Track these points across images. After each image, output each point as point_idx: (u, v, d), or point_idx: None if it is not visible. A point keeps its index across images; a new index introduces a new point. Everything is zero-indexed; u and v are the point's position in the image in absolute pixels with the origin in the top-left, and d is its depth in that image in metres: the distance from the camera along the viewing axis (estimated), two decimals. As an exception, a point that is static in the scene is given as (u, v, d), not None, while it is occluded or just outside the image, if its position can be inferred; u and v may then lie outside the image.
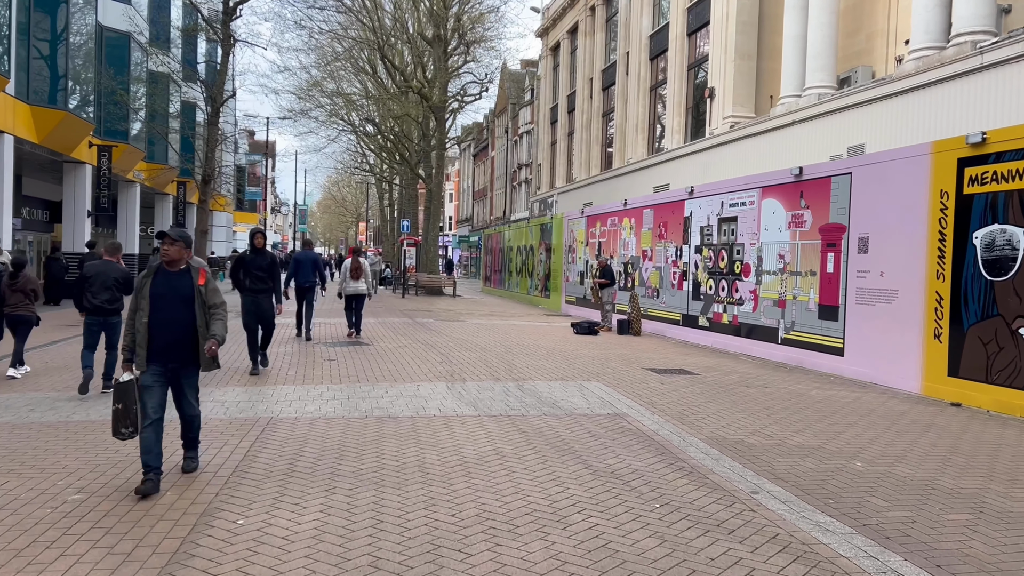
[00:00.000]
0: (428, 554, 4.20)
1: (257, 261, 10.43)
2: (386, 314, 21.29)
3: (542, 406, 8.41)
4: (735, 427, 7.57)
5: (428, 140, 34.28)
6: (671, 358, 13.26)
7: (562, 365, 11.80)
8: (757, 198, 14.12)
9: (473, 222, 69.15)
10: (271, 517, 4.75)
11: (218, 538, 4.40)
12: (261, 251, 10.59)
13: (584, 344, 15.08)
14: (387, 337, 15.26)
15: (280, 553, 4.19)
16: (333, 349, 13.12)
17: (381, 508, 4.95)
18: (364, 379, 10.03)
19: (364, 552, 4.22)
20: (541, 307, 27.05)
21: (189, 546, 4.27)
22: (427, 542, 4.37)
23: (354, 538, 4.43)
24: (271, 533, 4.48)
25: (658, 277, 18.14)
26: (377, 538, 4.43)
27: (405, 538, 4.43)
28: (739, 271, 14.64)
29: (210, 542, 4.33)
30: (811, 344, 12.47)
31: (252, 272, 10.33)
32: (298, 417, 7.63)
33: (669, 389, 9.82)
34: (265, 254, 10.56)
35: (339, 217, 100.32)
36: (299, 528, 4.57)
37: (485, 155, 65.24)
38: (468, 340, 15.03)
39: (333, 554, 4.18)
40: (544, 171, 43.93)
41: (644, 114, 30.19)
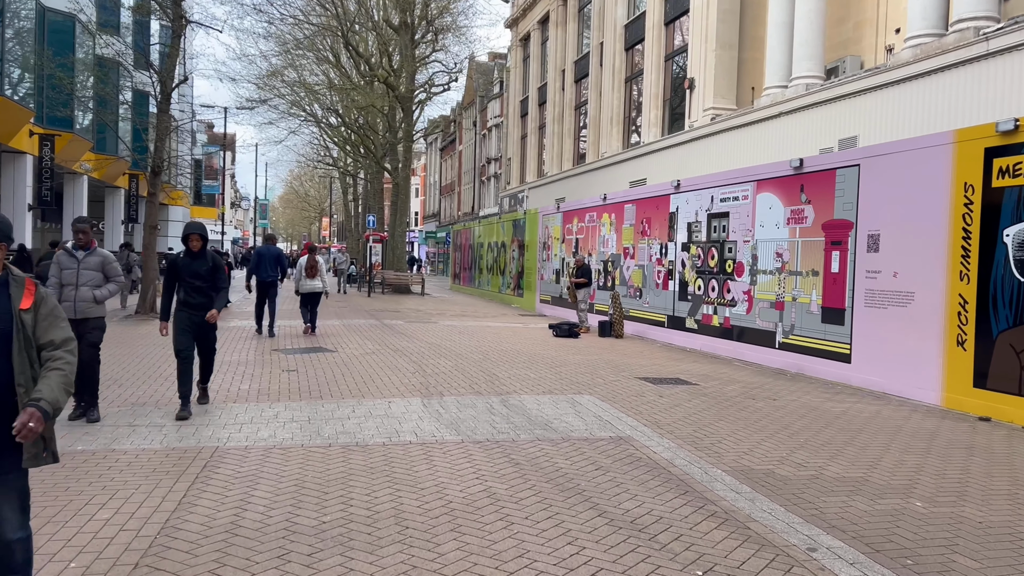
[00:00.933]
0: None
1: (194, 267, 7.68)
2: (351, 315, 20.05)
3: (533, 428, 7.34)
4: (758, 453, 6.57)
5: (394, 132, 32.98)
6: (662, 364, 12.27)
7: (547, 374, 10.74)
8: (751, 192, 13.20)
9: (440, 218, 67.83)
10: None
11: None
12: (200, 254, 7.73)
13: (566, 348, 14.04)
14: (353, 342, 14.07)
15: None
16: (293, 357, 11.91)
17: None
18: (328, 394, 8.87)
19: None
20: (514, 306, 25.99)
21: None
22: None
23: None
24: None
25: (641, 276, 17.17)
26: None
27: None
28: (731, 270, 13.71)
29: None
30: (813, 349, 11.57)
31: (187, 281, 7.67)
32: (249, 447, 6.46)
33: (670, 404, 8.81)
34: (205, 258, 7.73)
35: (302, 212, 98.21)
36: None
37: (452, 149, 63.94)
38: (441, 345, 13.90)
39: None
40: (514, 165, 42.86)
41: (619, 106, 29.25)
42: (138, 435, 6.75)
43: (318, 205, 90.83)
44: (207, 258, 7.74)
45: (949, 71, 13.70)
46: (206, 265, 7.71)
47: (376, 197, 39.59)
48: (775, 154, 18.04)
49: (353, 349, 12.97)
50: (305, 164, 69.49)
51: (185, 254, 7.73)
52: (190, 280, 7.66)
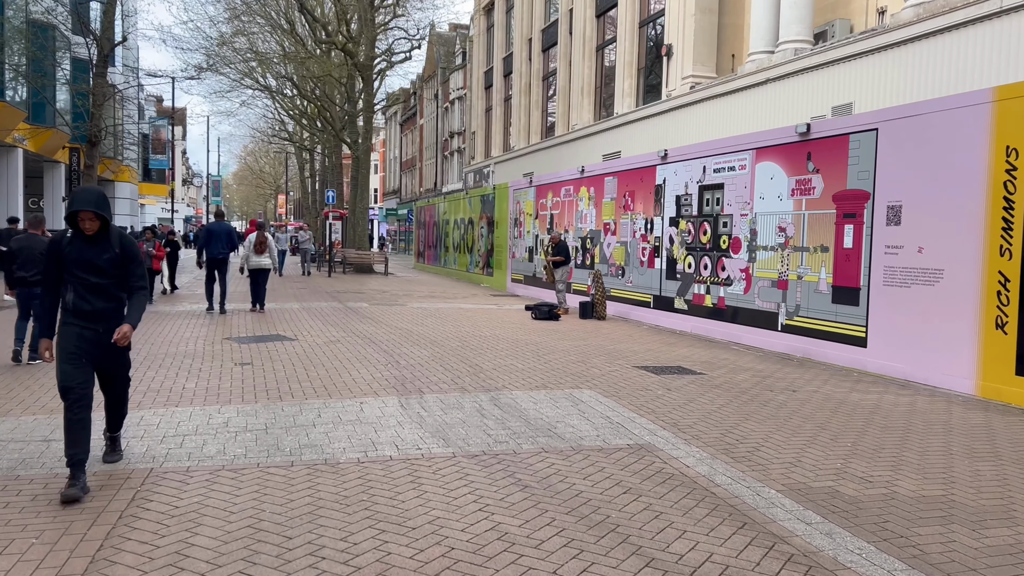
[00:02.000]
0: None
1: (88, 256, 4.85)
2: (311, 297, 18.68)
3: (535, 434, 6.20)
4: (807, 464, 5.53)
5: (353, 103, 31.36)
6: (656, 350, 11.23)
7: (536, 364, 9.61)
8: (750, 161, 12.15)
9: (401, 194, 66.10)
10: None
11: None
12: (100, 239, 4.89)
13: (549, 333, 12.92)
14: (314, 328, 12.77)
15: None
16: (247, 347, 10.60)
17: None
18: (288, 393, 7.62)
19: None
20: (484, 286, 24.80)
21: None
22: None
23: None
24: None
25: (623, 253, 16.10)
26: None
27: None
28: (726, 246, 12.69)
29: None
30: (822, 332, 10.61)
31: (78, 277, 4.85)
32: (191, 468, 5.21)
33: (682, 398, 7.75)
34: (107, 243, 4.90)
35: (257, 189, 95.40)
36: None
37: (413, 123, 62.13)
38: (414, 331, 12.68)
39: None
40: (479, 139, 41.45)
41: (590, 76, 28.04)
42: (52, 453, 5.46)
43: (274, 182, 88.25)
44: (111, 243, 4.89)
45: (960, 30, 12.75)
46: (108, 253, 4.86)
47: (335, 173, 37.92)
48: (762, 123, 17.04)
49: (315, 337, 11.69)
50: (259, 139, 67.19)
51: (74, 237, 4.87)
52: (81, 276, 4.82)
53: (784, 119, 16.61)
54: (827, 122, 10.92)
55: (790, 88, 16.88)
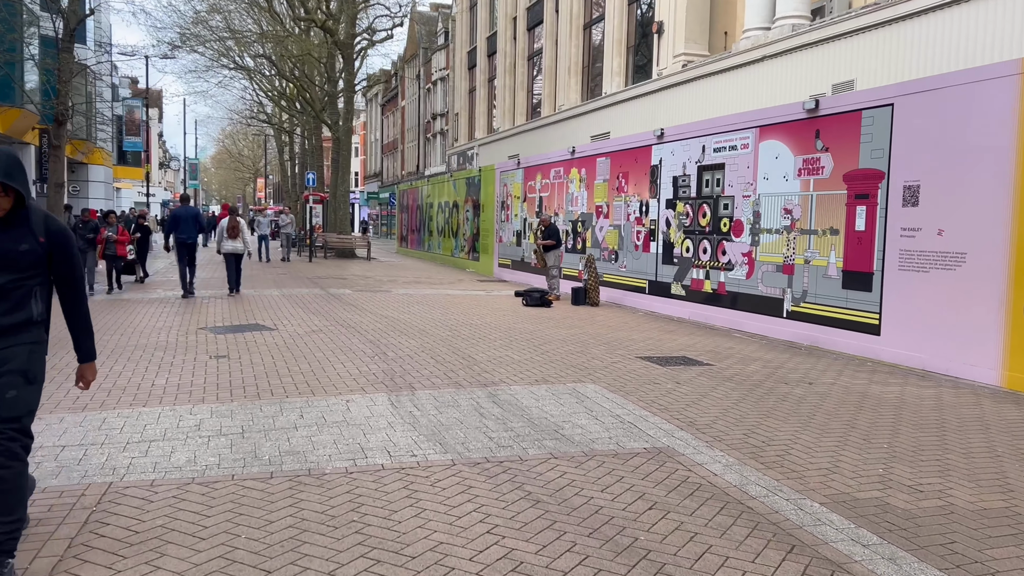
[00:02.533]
0: None
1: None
2: (291, 283, 17.97)
3: (541, 437, 5.62)
4: (846, 470, 4.99)
5: (334, 83, 30.48)
6: (656, 338, 10.68)
7: (532, 355, 9.03)
8: (753, 140, 11.59)
9: (383, 178, 65.11)
10: None
11: None
12: (14, 222, 3.39)
13: (542, 321, 12.35)
14: (295, 317, 12.11)
15: None
16: (223, 337, 9.93)
17: None
18: (267, 390, 6.99)
19: None
20: (469, 271, 24.17)
21: None
22: None
23: None
24: None
25: (616, 237, 15.53)
26: None
27: None
28: (727, 229, 12.14)
29: None
30: (831, 319, 10.11)
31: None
32: (157, 481, 4.59)
33: (694, 393, 7.20)
34: (24, 228, 3.40)
35: (235, 173, 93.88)
36: None
37: (394, 105, 61.07)
38: (400, 319, 12.06)
39: None
40: (462, 121, 40.66)
41: (578, 55, 27.36)
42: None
43: (252, 165, 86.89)
44: (32, 228, 3.44)
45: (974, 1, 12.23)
46: (27, 242, 3.41)
47: (315, 155, 36.99)
48: (758, 101, 16.48)
49: (296, 326, 11.04)
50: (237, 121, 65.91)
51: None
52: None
53: (781, 97, 16.07)
54: (838, 98, 10.36)
55: (788, 65, 16.32)
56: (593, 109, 25.28)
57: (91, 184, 39.86)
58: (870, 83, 13.86)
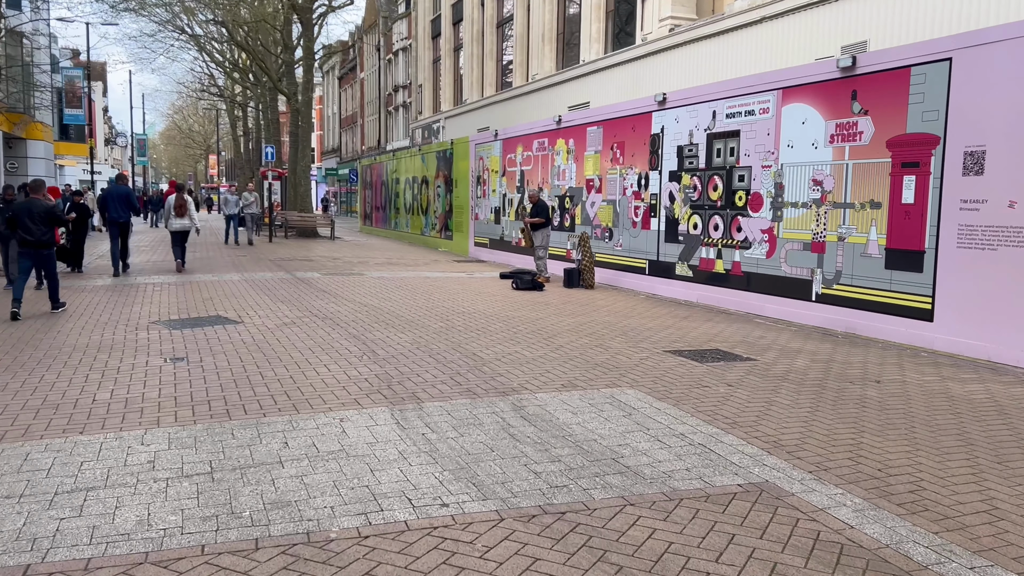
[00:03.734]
0: None
1: None
2: (253, 266, 16.43)
3: (601, 469, 4.40)
4: (1016, 516, 3.86)
5: (291, 51, 28.61)
6: (673, 326, 9.52)
7: (546, 351, 7.79)
8: (774, 103, 10.42)
9: (341, 153, 62.95)
10: None
11: None
12: None
13: (540, 307, 11.11)
14: (261, 306, 10.68)
15: None
16: (180, 334, 8.50)
17: None
18: (238, 404, 5.64)
19: None
20: (442, 250, 22.81)
21: None
22: None
23: None
24: None
25: (611, 213, 14.31)
26: None
27: None
28: (743, 203, 11.00)
29: None
30: (871, 303, 9.04)
31: None
32: (93, 560, 3.26)
33: (755, 399, 6.04)
34: None
35: (186, 149, 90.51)
36: None
37: (353, 77, 58.86)
38: (382, 307, 10.71)
39: None
40: (426, 93, 38.98)
41: (552, 21, 25.95)
42: None
43: (204, 141, 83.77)
44: None
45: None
46: None
47: (271, 129, 35.06)
48: (755, 66, 15.35)
49: (264, 318, 9.63)
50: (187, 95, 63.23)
51: None
52: None
53: (783, 60, 14.96)
54: (880, 53, 9.21)
55: (791, 26, 15.19)
56: (571, 78, 23.96)
57: (31, 161, 37.30)
58: (884, 44, 12.79)
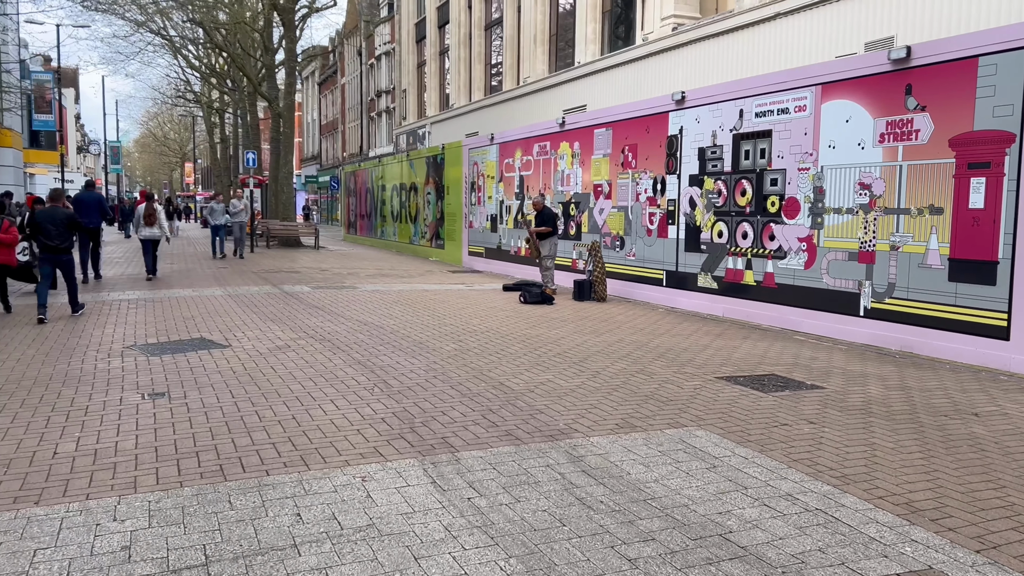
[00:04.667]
0: None
1: None
2: (237, 280, 15.32)
3: (710, 551, 3.43)
4: None
5: (272, 54, 27.50)
6: (713, 346, 8.59)
7: (582, 379, 6.82)
8: (812, 100, 9.55)
9: (321, 160, 61.68)
10: None
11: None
12: None
13: (556, 323, 10.14)
14: (250, 326, 9.62)
15: None
16: (159, 361, 7.43)
17: None
18: (232, 457, 4.62)
19: None
20: (434, 260, 21.78)
21: None
22: None
23: None
24: None
25: (622, 221, 13.39)
26: None
27: None
28: (776, 209, 10.12)
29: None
30: (932, 318, 8.17)
31: None
32: None
33: (847, 440, 5.10)
34: None
35: (161, 157, 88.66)
36: None
37: (333, 83, 57.66)
38: (384, 326, 9.68)
39: None
40: (411, 98, 37.97)
41: (544, 22, 25.06)
42: None
43: (179, 149, 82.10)
44: None
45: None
46: None
47: (250, 135, 33.85)
48: (768, 65, 14.56)
49: (254, 340, 8.57)
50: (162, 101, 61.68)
51: None
52: None
53: (797, 59, 14.16)
54: (941, 43, 8.36)
55: (808, 23, 14.38)
56: (565, 80, 23.07)
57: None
58: (916, 37, 12.01)
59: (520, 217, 16.82)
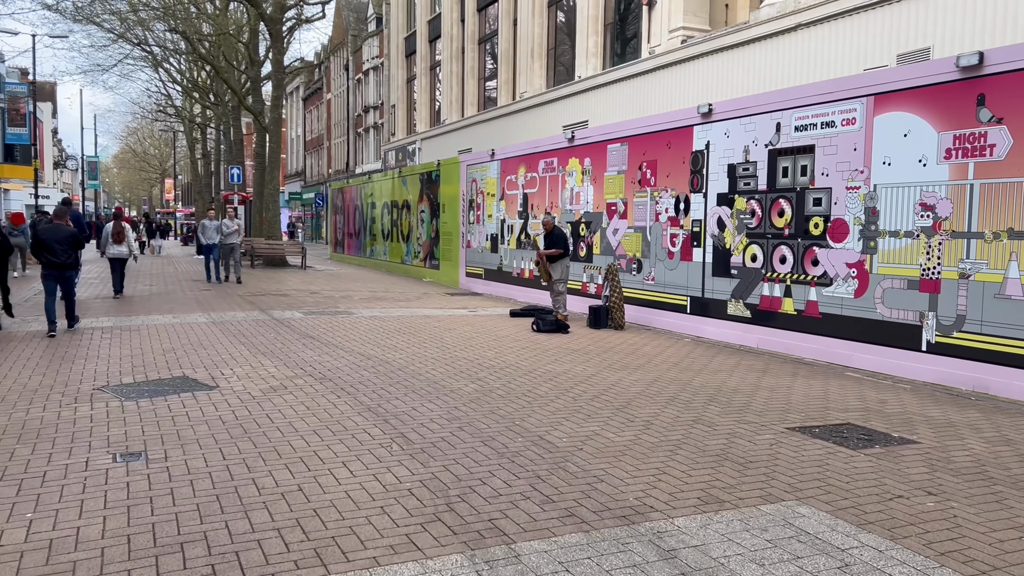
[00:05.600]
0: None
1: None
2: (221, 304, 14.23)
3: None
4: None
5: (258, 66, 26.50)
6: (759, 384, 7.65)
7: (633, 430, 5.84)
8: (863, 113, 8.70)
9: (305, 177, 60.56)
10: None
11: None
12: None
13: (581, 357, 9.16)
14: (239, 360, 8.55)
15: None
16: (135, 407, 6.36)
17: None
18: (228, 553, 3.59)
19: None
20: (428, 281, 20.77)
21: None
22: None
23: None
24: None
25: (639, 242, 12.48)
26: None
27: None
28: (820, 231, 9.23)
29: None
30: (1011, 356, 7.27)
31: None
32: None
33: (994, 521, 4.16)
34: None
35: (141, 173, 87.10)
36: None
37: (319, 98, 56.70)
38: (390, 360, 8.65)
39: None
40: (400, 114, 37.07)
41: (542, 36, 24.28)
42: None
43: (159, 165, 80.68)
44: None
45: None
46: None
47: (234, 151, 32.76)
48: (787, 80, 13.80)
49: (245, 380, 7.52)
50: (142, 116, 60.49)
51: None
52: None
53: (821, 72, 13.39)
54: (1021, 48, 7.53)
55: (831, 33, 13.61)
56: (565, 95, 22.24)
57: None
58: (953, 49, 11.25)
59: (524, 237, 15.87)
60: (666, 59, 17.84)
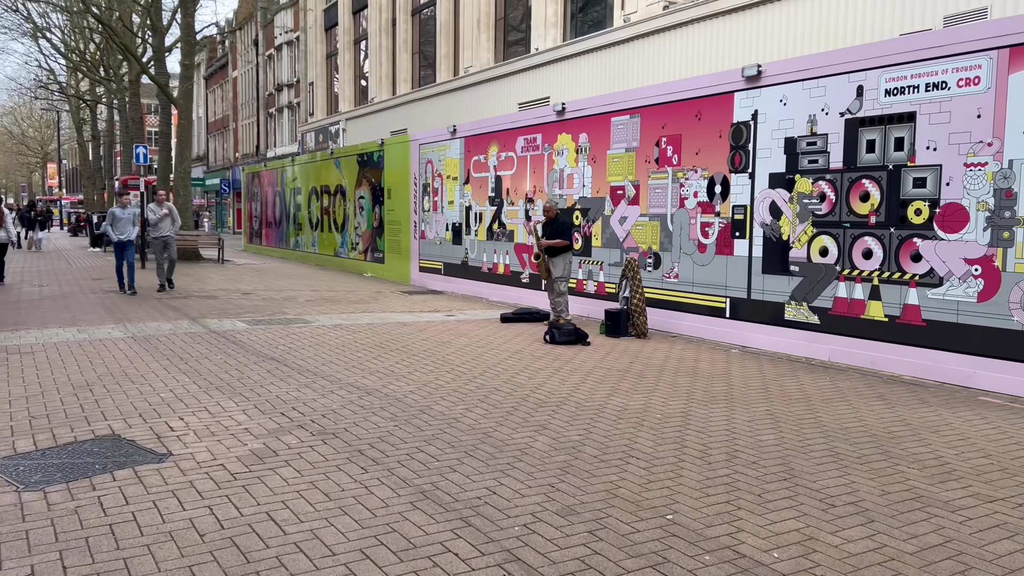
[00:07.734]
0: None
1: None
2: (139, 311, 11.45)
3: None
4: None
5: (161, 36, 23.20)
6: (892, 418, 5.80)
7: (852, 522, 3.82)
8: (989, 71, 6.95)
9: (209, 161, 56.18)
10: None
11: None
12: None
13: (634, 380, 7.10)
14: (187, 401, 6.08)
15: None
16: (39, 503, 3.91)
17: None
18: None
19: None
20: (370, 276, 18.32)
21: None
22: None
23: None
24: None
25: (656, 232, 10.53)
26: None
27: None
28: (925, 219, 7.48)
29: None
30: None
31: None
32: None
33: None
34: None
35: (19, 158, 79.66)
36: None
37: (223, 76, 52.46)
38: (400, 396, 6.35)
39: None
40: (319, 92, 34.04)
41: (489, 6, 22.04)
42: None
43: (41, 148, 73.90)
44: None
45: None
46: None
47: (134, 131, 29.08)
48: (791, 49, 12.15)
49: (208, 439, 5.09)
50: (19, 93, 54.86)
51: None
52: None
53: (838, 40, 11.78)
54: None
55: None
56: (520, 69, 20.08)
57: None
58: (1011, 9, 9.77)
59: (498, 226, 13.69)
60: (644, 28, 15.91)
